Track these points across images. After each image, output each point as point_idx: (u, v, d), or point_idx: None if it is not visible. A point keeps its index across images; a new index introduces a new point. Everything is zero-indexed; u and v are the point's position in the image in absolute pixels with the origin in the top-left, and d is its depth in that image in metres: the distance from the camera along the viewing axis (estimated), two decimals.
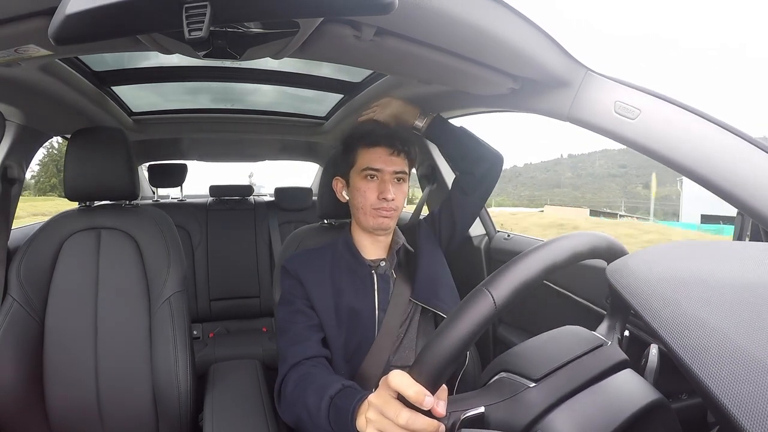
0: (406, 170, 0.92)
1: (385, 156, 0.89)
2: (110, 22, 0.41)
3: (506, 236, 1.41)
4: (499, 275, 0.43)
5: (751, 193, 0.57)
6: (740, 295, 0.29)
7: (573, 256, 0.46)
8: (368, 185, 0.90)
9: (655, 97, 0.67)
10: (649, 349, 0.58)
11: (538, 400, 0.43)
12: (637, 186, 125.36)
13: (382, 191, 0.88)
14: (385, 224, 0.90)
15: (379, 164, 0.89)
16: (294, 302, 0.89)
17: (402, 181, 0.93)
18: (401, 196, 0.92)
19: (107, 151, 1.07)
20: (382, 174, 0.89)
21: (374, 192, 0.89)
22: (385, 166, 0.89)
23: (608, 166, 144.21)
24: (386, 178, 0.89)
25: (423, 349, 0.42)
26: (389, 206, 0.89)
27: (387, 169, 0.89)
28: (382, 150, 0.90)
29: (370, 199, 0.89)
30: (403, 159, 0.91)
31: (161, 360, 1.02)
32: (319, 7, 0.44)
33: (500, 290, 0.41)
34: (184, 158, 2.42)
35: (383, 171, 0.89)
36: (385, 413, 0.42)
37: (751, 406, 0.24)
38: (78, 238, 1.06)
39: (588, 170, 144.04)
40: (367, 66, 0.92)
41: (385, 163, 0.89)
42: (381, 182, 0.89)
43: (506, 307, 0.41)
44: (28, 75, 0.88)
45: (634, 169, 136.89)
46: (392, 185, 0.89)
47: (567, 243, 0.47)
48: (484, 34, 0.62)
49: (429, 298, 0.92)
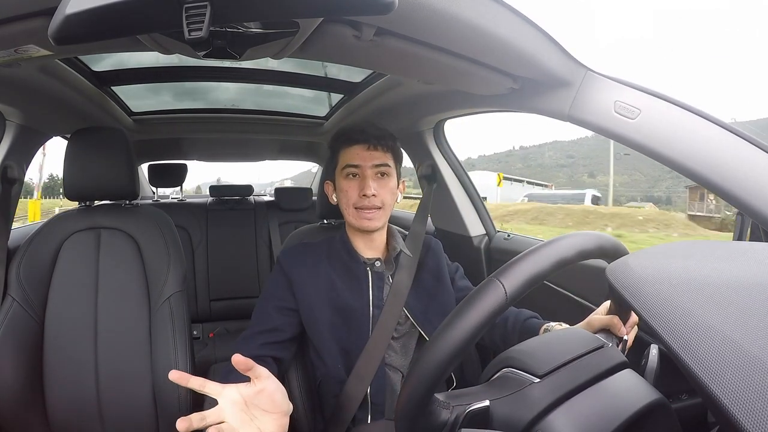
0: (388, 163, 0.90)
1: (363, 151, 0.89)
2: (110, 22, 0.41)
3: (506, 236, 1.41)
4: (510, 267, 0.43)
5: (751, 193, 0.57)
6: (740, 295, 0.29)
7: (580, 254, 0.47)
8: (350, 184, 0.89)
9: (655, 97, 0.67)
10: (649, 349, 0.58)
11: (543, 396, 0.43)
12: (583, 175, 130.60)
13: (362, 187, 0.88)
14: (371, 226, 0.89)
15: (357, 160, 0.88)
16: (270, 300, 0.89)
17: (386, 176, 0.90)
18: (385, 191, 0.89)
19: (107, 151, 1.07)
20: (362, 170, 0.88)
21: (355, 190, 0.88)
22: (363, 162, 0.88)
23: (557, 157, 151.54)
24: (366, 174, 0.88)
25: (431, 337, 0.42)
26: (371, 204, 0.87)
27: (365, 164, 0.88)
28: (359, 146, 0.89)
29: (352, 198, 0.88)
30: (382, 152, 0.90)
31: (161, 360, 1.02)
32: (319, 7, 0.44)
33: (511, 281, 0.42)
34: (184, 158, 2.43)
35: (362, 166, 0.88)
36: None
37: (752, 405, 0.24)
38: (78, 238, 1.06)
39: (538, 161, 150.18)
40: (367, 66, 0.92)
41: (362, 158, 0.88)
42: (361, 179, 0.89)
43: (516, 299, 0.42)
44: (28, 75, 0.88)
45: (581, 159, 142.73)
46: (374, 180, 0.88)
47: (575, 240, 0.48)
48: (484, 34, 0.62)
49: (417, 315, 0.91)
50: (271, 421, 0.58)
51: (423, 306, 0.93)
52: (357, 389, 0.85)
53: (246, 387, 0.57)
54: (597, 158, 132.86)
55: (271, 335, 0.85)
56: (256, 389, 0.57)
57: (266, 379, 0.58)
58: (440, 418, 0.44)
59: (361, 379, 0.85)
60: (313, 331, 0.88)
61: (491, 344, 0.96)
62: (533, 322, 0.88)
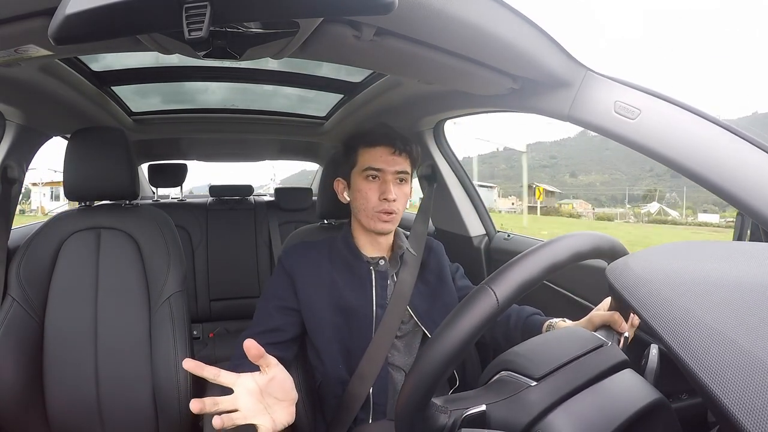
0: (408, 170, 0.90)
1: (387, 155, 0.88)
2: (110, 22, 0.41)
3: (506, 236, 1.41)
4: (501, 273, 0.43)
5: (751, 193, 0.57)
6: (740, 295, 0.29)
7: (575, 256, 0.47)
8: (369, 186, 0.88)
9: (655, 97, 0.67)
10: (649, 349, 0.58)
11: (540, 399, 0.43)
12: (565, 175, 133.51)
13: (383, 192, 0.86)
14: (387, 228, 0.89)
15: (380, 164, 0.87)
16: (271, 300, 0.89)
17: (404, 182, 0.91)
18: (403, 197, 0.90)
19: (107, 151, 1.07)
20: (383, 174, 0.88)
21: (375, 192, 0.87)
22: (387, 166, 0.87)
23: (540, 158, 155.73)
24: (388, 179, 0.87)
25: (425, 346, 0.42)
26: (391, 208, 0.87)
27: (388, 169, 0.87)
28: (383, 149, 0.88)
29: (372, 201, 0.87)
30: (404, 159, 0.89)
31: (161, 360, 1.02)
32: (319, 7, 0.44)
33: (503, 288, 0.42)
34: (184, 158, 2.42)
35: (385, 171, 0.87)
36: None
37: (752, 405, 0.24)
38: (78, 238, 1.06)
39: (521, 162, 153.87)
40: (367, 66, 0.92)
41: (386, 162, 0.87)
42: (382, 182, 0.88)
43: (509, 305, 0.42)
44: (28, 75, 0.88)
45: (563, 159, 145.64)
46: (394, 186, 0.87)
47: (569, 242, 0.47)
48: (484, 34, 0.62)
49: (422, 315, 0.92)
50: (283, 410, 0.59)
51: (427, 305, 0.93)
52: (359, 389, 0.85)
53: (260, 376, 0.58)
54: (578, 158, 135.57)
55: (273, 335, 0.85)
56: (268, 377, 0.58)
57: (276, 367, 0.59)
58: (438, 423, 0.44)
59: (363, 379, 0.85)
60: (314, 331, 0.88)
61: (493, 342, 0.96)
62: (536, 319, 0.88)
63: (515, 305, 0.92)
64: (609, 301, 0.70)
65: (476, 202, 1.49)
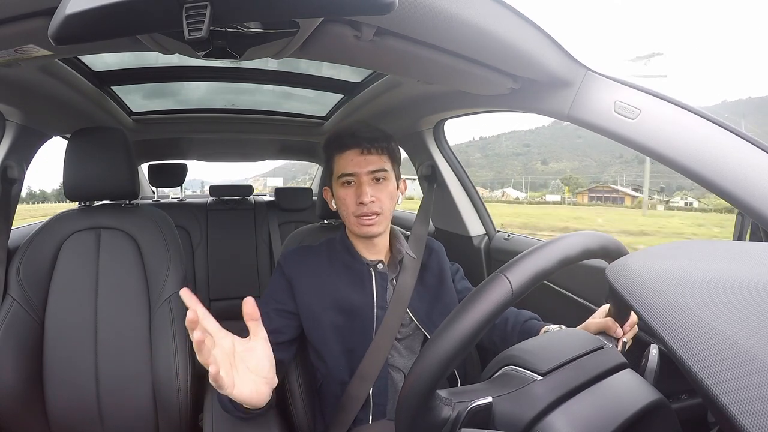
0: (384, 167, 0.87)
1: (356, 157, 0.86)
2: (110, 22, 0.41)
3: (506, 236, 1.41)
4: (517, 263, 0.44)
5: (751, 193, 0.57)
6: (740, 295, 0.29)
7: (584, 253, 0.48)
8: (346, 192, 0.87)
9: (655, 97, 0.67)
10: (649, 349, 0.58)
11: (545, 394, 0.43)
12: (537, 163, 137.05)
13: (358, 195, 0.85)
14: (372, 231, 0.87)
15: (351, 167, 0.85)
16: (270, 302, 0.89)
17: (383, 180, 0.87)
18: (384, 196, 0.87)
19: (107, 151, 1.07)
20: (357, 177, 0.86)
21: (353, 198, 0.86)
22: (358, 168, 0.85)
23: (513, 146, 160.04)
24: (362, 180, 0.85)
25: (438, 330, 0.42)
26: (370, 210, 0.85)
27: (361, 171, 0.85)
28: (352, 152, 0.86)
29: (351, 207, 0.86)
30: (378, 156, 0.86)
31: (161, 360, 1.02)
32: (319, 7, 0.44)
33: (517, 276, 0.42)
34: (184, 158, 2.43)
35: (358, 174, 0.85)
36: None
37: (752, 405, 0.24)
38: (78, 238, 1.06)
39: (495, 150, 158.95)
40: (367, 66, 0.91)
41: (357, 164, 0.85)
42: (357, 186, 0.86)
43: (521, 295, 0.42)
44: (28, 75, 0.88)
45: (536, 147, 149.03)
46: (370, 186, 0.85)
47: (580, 240, 0.48)
48: (484, 34, 0.62)
49: (422, 317, 0.91)
50: (250, 382, 0.59)
51: (427, 307, 0.93)
52: (360, 390, 0.85)
53: (240, 342, 0.59)
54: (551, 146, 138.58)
55: (272, 336, 0.85)
56: (248, 346, 0.59)
57: (261, 341, 0.60)
58: (442, 415, 0.44)
59: (364, 380, 0.85)
60: (314, 334, 0.88)
61: (490, 345, 0.96)
62: (533, 323, 0.88)
63: (513, 308, 0.92)
64: (605, 309, 0.71)
65: (476, 202, 1.49)
